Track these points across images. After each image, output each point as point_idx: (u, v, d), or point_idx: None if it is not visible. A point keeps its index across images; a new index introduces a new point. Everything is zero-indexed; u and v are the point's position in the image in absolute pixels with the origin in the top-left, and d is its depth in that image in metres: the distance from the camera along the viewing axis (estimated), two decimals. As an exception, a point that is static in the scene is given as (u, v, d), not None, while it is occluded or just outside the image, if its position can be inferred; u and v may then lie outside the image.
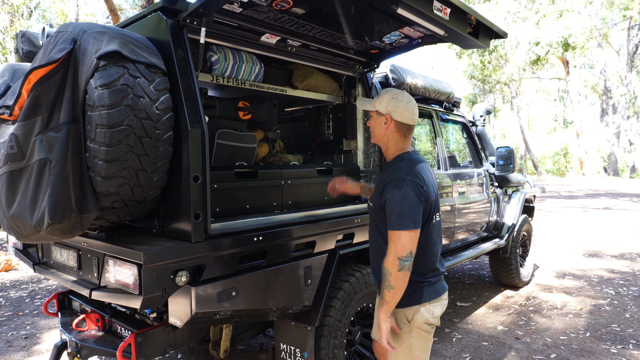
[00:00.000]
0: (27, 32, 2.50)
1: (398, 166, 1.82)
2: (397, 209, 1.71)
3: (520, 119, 29.31)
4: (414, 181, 1.74)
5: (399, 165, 1.82)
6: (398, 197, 1.72)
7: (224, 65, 2.22)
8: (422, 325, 1.87)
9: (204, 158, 1.81)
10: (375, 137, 1.96)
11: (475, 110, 4.98)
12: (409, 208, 1.71)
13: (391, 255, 1.70)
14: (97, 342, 2.32)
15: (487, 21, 2.19)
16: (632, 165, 32.04)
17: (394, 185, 1.74)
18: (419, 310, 1.86)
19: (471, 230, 4.21)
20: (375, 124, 1.93)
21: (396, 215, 1.71)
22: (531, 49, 18.02)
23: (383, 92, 1.92)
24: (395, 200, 1.72)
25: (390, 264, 1.70)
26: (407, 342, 1.88)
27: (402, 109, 1.86)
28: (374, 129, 1.95)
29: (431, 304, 1.90)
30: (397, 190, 1.73)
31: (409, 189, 1.72)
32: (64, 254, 2.27)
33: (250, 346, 3.44)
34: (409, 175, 1.75)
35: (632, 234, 8.24)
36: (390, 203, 1.74)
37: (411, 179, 1.74)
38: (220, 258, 1.90)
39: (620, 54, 28.65)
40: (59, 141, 1.60)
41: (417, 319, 1.86)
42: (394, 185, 1.74)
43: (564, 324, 3.90)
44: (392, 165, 1.87)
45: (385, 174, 1.88)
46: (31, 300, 4.82)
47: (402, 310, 1.87)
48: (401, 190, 1.72)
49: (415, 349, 1.88)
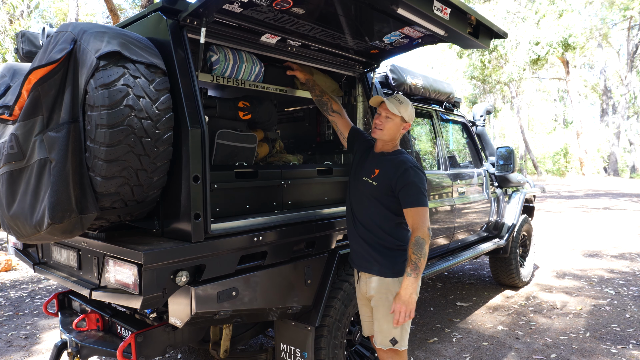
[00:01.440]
0: (27, 32, 2.50)
1: (406, 158, 2.14)
2: (419, 189, 2.03)
3: (520, 119, 29.30)
4: (423, 170, 2.12)
5: (406, 158, 2.14)
6: (419, 180, 2.05)
7: (224, 65, 2.22)
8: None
9: (204, 158, 1.81)
10: (387, 134, 2.19)
11: (475, 110, 4.98)
12: (425, 189, 2.06)
13: (425, 227, 1.98)
14: (97, 342, 2.31)
15: (487, 21, 2.19)
16: (632, 165, 32.02)
17: (414, 171, 2.06)
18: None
19: (471, 230, 4.21)
20: (395, 126, 2.18)
21: (419, 194, 2.03)
22: (531, 49, 18.02)
23: (406, 102, 2.18)
24: (419, 183, 2.05)
25: (426, 234, 1.98)
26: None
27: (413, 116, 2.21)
28: (390, 129, 2.17)
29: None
30: (417, 175, 2.06)
31: (424, 175, 2.10)
32: (64, 254, 2.27)
33: (250, 346, 3.44)
34: (418, 165, 2.12)
35: (632, 234, 8.24)
36: (411, 185, 2.03)
37: (421, 168, 2.12)
38: (220, 258, 1.90)
39: (620, 54, 28.65)
40: (59, 141, 1.60)
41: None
42: (414, 171, 2.06)
43: (564, 324, 3.90)
44: (399, 157, 2.16)
45: (395, 161, 2.14)
46: (31, 300, 4.82)
47: (396, 279, 2.10)
48: (420, 176, 2.07)
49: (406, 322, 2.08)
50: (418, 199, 2.02)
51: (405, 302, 1.97)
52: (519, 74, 20.03)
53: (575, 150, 26.76)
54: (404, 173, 2.06)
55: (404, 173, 2.06)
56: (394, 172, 2.08)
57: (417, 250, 1.96)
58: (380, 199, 2.13)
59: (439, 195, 3.72)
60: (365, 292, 2.21)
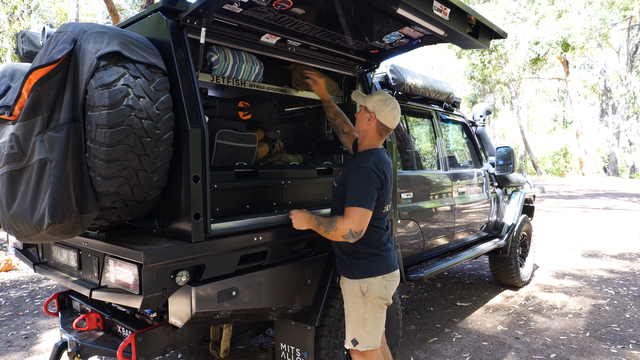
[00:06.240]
0: (28, 32, 2.50)
1: (365, 158, 2.08)
2: (357, 191, 1.98)
3: (520, 119, 29.30)
4: (376, 172, 2.02)
5: (366, 158, 2.08)
6: (360, 181, 2.00)
7: (224, 65, 2.22)
8: (375, 300, 2.09)
9: (204, 158, 1.81)
10: (357, 128, 2.25)
11: (475, 111, 4.99)
12: (366, 191, 1.98)
13: (346, 224, 1.95)
14: (97, 342, 2.32)
15: (487, 21, 2.19)
16: (631, 165, 32.02)
17: (358, 172, 2.02)
18: (373, 283, 2.08)
19: (471, 230, 4.21)
20: (361, 117, 2.21)
21: (356, 195, 1.98)
22: (531, 48, 18.02)
23: (375, 93, 2.20)
24: (358, 184, 1.99)
25: (342, 227, 1.96)
26: (360, 316, 2.09)
27: (386, 112, 2.14)
28: (358, 121, 2.23)
29: (384, 278, 2.12)
30: (360, 176, 2.01)
31: (370, 177, 2.00)
32: (64, 254, 2.27)
33: (250, 346, 3.44)
34: (373, 166, 2.03)
35: (632, 234, 8.24)
36: (352, 185, 2.01)
37: (375, 170, 2.02)
38: (220, 258, 1.90)
39: (620, 54, 28.66)
40: (59, 141, 1.60)
41: (371, 292, 2.08)
42: (358, 172, 2.02)
43: (563, 324, 3.90)
44: (361, 156, 2.12)
45: (353, 161, 2.14)
46: (31, 300, 4.82)
47: (357, 281, 2.10)
48: (363, 177, 2.00)
49: (368, 324, 2.09)
50: (353, 200, 1.97)
51: (298, 219, 2.11)
52: (518, 74, 20.02)
53: (575, 150, 26.76)
54: (350, 173, 2.05)
55: (350, 173, 2.05)
56: (346, 172, 2.10)
57: (327, 225, 2.02)
58: (340, 199, 2.12)
59: (438, 195, 3.72)
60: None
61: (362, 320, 2.10)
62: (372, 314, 2.10)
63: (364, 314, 2.09)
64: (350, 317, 2.13)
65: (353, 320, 2.12)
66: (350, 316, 2.14)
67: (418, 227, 3.41)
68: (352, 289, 2.12)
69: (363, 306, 2.09)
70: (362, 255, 2.11)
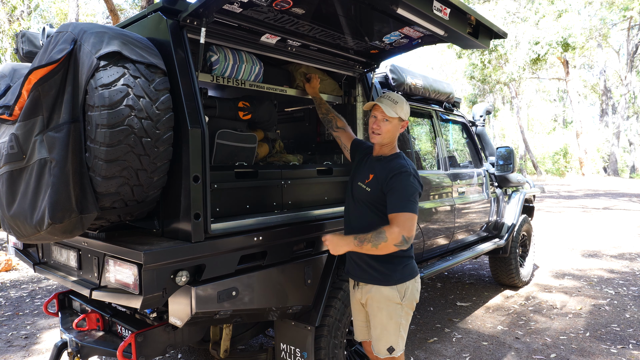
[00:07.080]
0: (28, 32, 2.50)
1: (402, 162, 2.04)
2: (404, 195, 1.93)
3: (520, 119, 29.29)
4: (416, 176, 2.02)
5: (402, 162, 2.05)
6: (406, 185, 1.95)
7: (224, 65, 2.22)
8: (411, 304, 2.08)
9: (204, 158, 1.82)
10: (386, 137, 2.10)
11: (475, 111, 4.98)
12: (413, 195, 1.95)
13: (397, 232, 1.87)
14: (97, 342, 2.32)
15: (487, 21, 2.19)
16: (631, 165, 32.02)
17: (403, 176, 1.97)
18: (409, 287, 2.07)
19: (471, 230, 4.21)
20: (394, 128, 2.10)
21: (404, 200, 1.92)
22: (531, 48, 18.02)
23: (400, 100, 2.09)
24: (404, 188, 1.95)
25: (394, 235, 1.87)
26: (397, 322, 2.06)
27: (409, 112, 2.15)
28: (389, 131, 2.09)
29: (416, 280, 2.12)
30: (406, 180, 1.96)
31: (415, 181, 1.99)
32: (64, 254, 2.27)
33: (250, 346, 3.44)
34: (413, 171, 2.02)
35: (632, 234, 8.24)
36: (397, 190, 1.95)
37: (416, 174, 2.02)
38: (220, 258, 1.90)
39: (620, 54, 28.66)
40: (59, 141, 1.60)
41: (407, 296, 2.06)
42: (403, 176, 1.97)
43: (563, 324, 3.90)
44: (395, 160, 2.08)
45: (387, 165, 2.06)
46: (31, 300, 4.82)
47: (395, 287, 2.04)
48: (408, 181, 1.96)
49: (402, 329, 2.07)
50: (401, 205, 1.91)
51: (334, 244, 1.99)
52: (518, 74, 20.02)
53: (575, 150, 26.76)
54: (392, 177, 1.98)
55: (392, 177, 1.98)
56: (385, 177, 2.01)
57: (374, 238, 1.88)
58: (375, 205, 2.05)
59: (438, 195, 3.72)
60: (361, 298, 2.16)
61: (398, 327, 2.05)
62: (406, 318, 2.07)
63: (400, 320, 2.05)
64: (387, 325, 2.05)
65: (390, 328, 2.05)
66: (386, 324, 2.05)
67: (418, 227, 3.41)
68: (389, 296, 2.04)
69: (400, 312, 2.05)
70: (398, 260, 2.05)
